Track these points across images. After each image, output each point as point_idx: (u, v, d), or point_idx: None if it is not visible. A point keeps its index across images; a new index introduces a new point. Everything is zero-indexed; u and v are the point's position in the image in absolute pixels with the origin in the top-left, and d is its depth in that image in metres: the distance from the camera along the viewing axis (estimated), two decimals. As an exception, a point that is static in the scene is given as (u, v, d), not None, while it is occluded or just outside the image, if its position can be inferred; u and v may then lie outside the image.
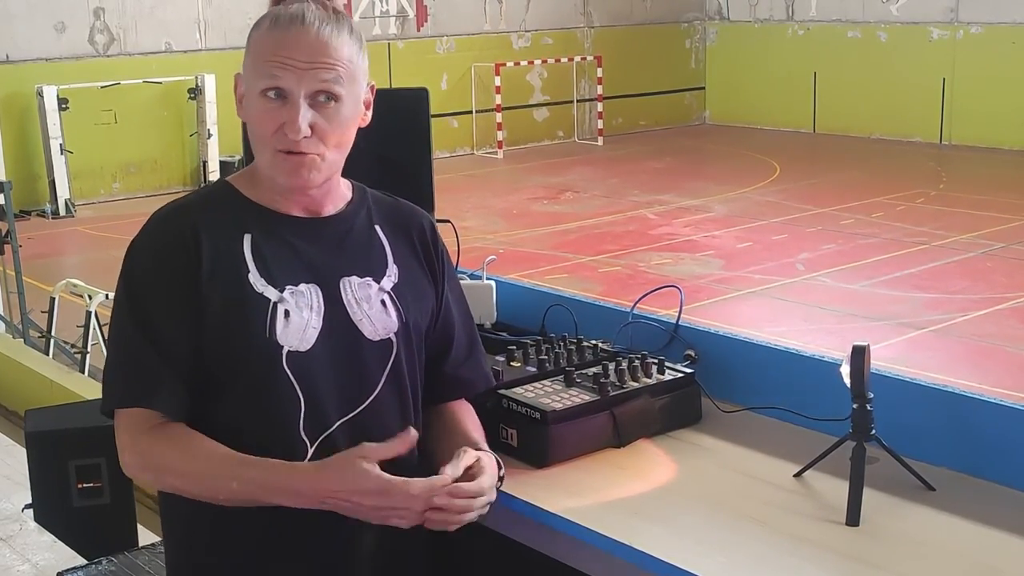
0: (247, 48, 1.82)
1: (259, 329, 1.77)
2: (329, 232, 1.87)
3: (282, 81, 1.75)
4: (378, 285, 1.87)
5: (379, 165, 2.89)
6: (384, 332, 1.85)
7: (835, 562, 1.71)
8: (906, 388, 2.07)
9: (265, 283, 1.79)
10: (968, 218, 10.40)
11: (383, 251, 1.91)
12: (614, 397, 2.14)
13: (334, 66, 1.77)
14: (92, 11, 12.79)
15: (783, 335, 6.89)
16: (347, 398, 1.82)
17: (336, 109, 1.78)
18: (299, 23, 1.77)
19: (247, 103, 1.81)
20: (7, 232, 6.92)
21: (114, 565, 2.66)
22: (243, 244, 1.81)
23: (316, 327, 1.80)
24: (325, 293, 1.82)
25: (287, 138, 1.75)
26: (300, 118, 1.74)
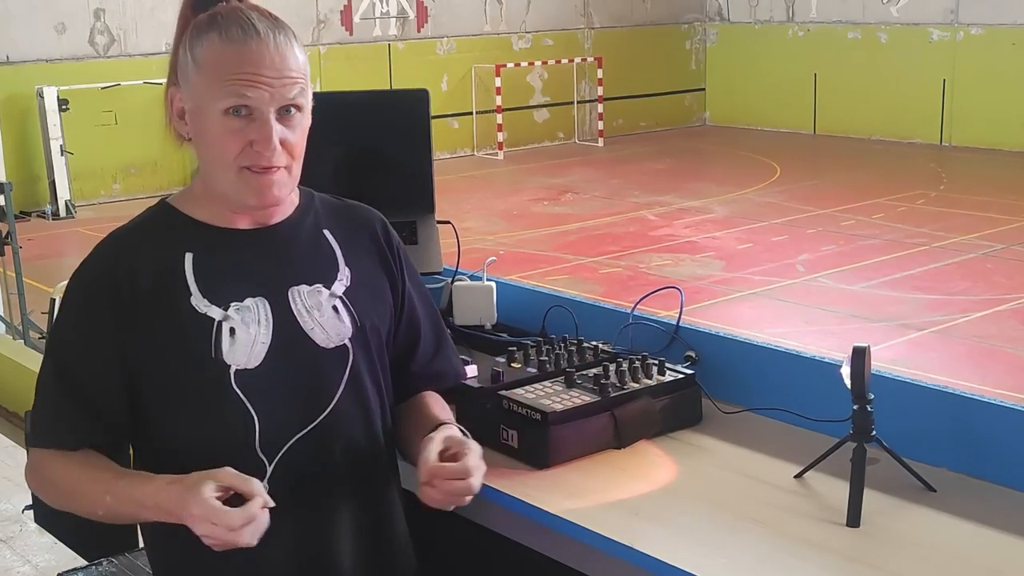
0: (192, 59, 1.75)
1: (204, 351, 1.74)
2: (275, 241, 1.84)
3: (251, 100, 1.71)
4: (328, 291, 1.83)
5: (379, 166, 2.90)
6: (338, 339, 1.82)
7: (836, 563, 1.71)
8: (907, 389, 2.07)
9: (208, 303, 1.76)
10: (968, 219, 10.40)
11: (332, 254, 1.88)
12: (615, 398, 2.13)
13: (297, 79, 1.75)
14: (92, 12, 12.80)
15: (783, 336, 6.89)
16: (304, 411, 1.80)
17: (299, 120, 1.77)
18: (254, 35, 1.72)
19: (200, 121, 1.75)
20: (7, 233, 6.92)
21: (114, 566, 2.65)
22: (184, 265, 1.78)
23: (265, 342, 1.77)
24: (273, 305, 1.79)
25: (260, 155, 1.73)
26: (273, 134, 1.72)
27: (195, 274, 1.78)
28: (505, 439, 2.10)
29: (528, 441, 2.07)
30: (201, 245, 1.80)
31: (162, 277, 1.77)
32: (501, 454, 2.10)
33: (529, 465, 2.06)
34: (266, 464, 1.77)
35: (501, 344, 2.51)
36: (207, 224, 1.82)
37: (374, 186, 2.86)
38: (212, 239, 1.81)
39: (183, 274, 1.77)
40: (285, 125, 1.74)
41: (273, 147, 1.72)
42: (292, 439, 1.78)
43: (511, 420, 2.10)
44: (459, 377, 2.09)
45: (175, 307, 1.76)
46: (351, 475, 1.85)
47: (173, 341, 1.75)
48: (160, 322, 1.75)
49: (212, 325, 1.75)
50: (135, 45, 13.05)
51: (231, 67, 1.71)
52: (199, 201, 1.83)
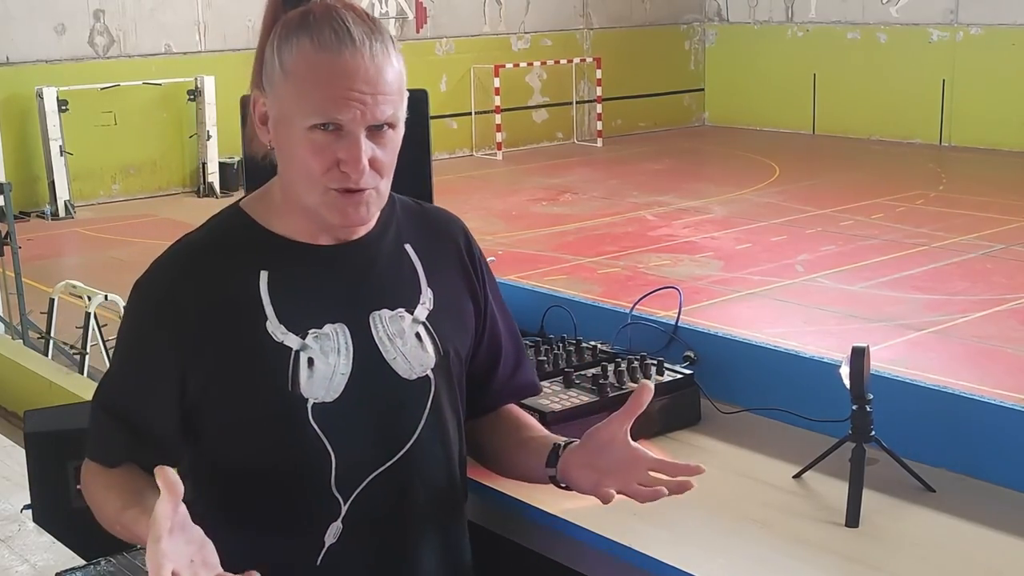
0: (279, 64, 1.60)
1: (280, 383, 1.61)
2: (356, 260, 1.69)
3: (344, 117, 1.56)
4: (411, 316, 1.70)
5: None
6: (421, 369, 1.69)
7: (835, 563, 1.71)
8: (906, 389, 2.07)
9: (285, 330, 1.62)
10: (968, 219, 10.40)
11: (415, 274, 1.73)
12: (613, 398, 2.13)
13: (391, 92, 1.60)
14: (92, 13, 12.79)
15: (782, 336, 6.89)
16: (383, 447, 1.68)
17: (391, 137, 1.62)
18: (350, 44, 1.56)
19: (283, 131, 1.61)
20: (7, 233, 6.92)
21: (113, 566, 2.65)
22: (260, 285, 1.64)
23: (345, 373, 1.63)
24: (354, 332, 1.65)
25: (346, 176, 1.58)
26: (363, 156, 1.57)
27: (271, 296, 1.64)
28: (504, 439, 2.10)
29: (527, 441, 2.07)
30: (277, 263, 1.66)
31: (235, 299, 1.64)
32: (500, 454, 2.10)
33: (528, 465, 2.05)
34: (341, 503, 1.65)
35: (500, 344, 2.50)
36: (284, 238, 1.67)
37: (373, 186, 2.86)
38: (289, 256, 1.66)
39: (258, 296, 1.63)
40: (376, 143, 1.59)
41: (362, 169, 1.57)
42: (369, 476, 1.66)
43: (510, 420, 2.10)
44: (538, 390, 1.97)
45: (249, 334, 1.62)
46: (428, 510, 1.73)
47: (246, 371, 1.63)
48: (232, 350, 1.63)
49: (289, 355, 1.62)
50: (135, 46, 13.05)
51: (322, 80, 1.56)
52: (277, 211, 1.68)
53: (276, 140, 1.63)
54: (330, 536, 1.66)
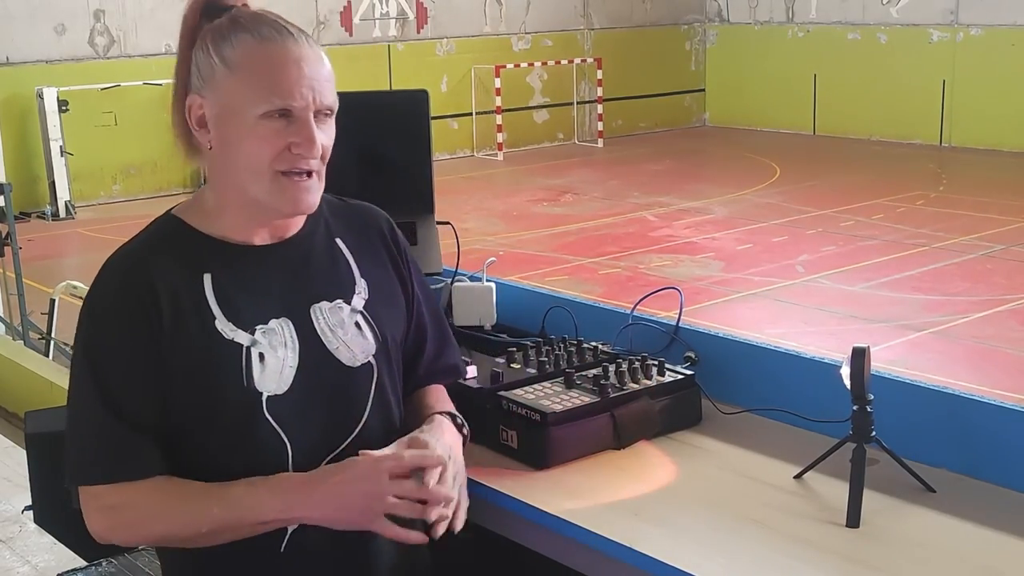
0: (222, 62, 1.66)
1: (235, 379, 1.67)
2: (292, 256, 1.76)
3: (296, 101, 1.64)
4: (349, 306, 1.78)
5: (379, 167, 2.90)
6: (363, 356, 1.77)
7: (835, 564, 1.71)
8: (906, 390, 2.07)
9: (234, 327, 1.68)
10: (968, 220, 10.40)
11: (348, 267, 1.81)
12: (614, 399, 2.13)
13: (331, 80, 1.69)
14: (92, 13, 12.80)
15: (783, 337, 6.89)
16: (335, 433, 1.75)
17: (330, 123, 1.71)
18: (289, 36, 1.66)
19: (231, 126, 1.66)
20: (7, 234, 6.92)
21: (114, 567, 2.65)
22: (204, 286, 1.69)
23: (293, 365, 1.70)
24: (297, 326, 1.72)
25: (299, 158, 1.65)
26: (315, 136, 1.65)
27: (216, 296, 1.69)
28: (504, 440, 2.10)
29: (527, 442, 2.07)
30: (218, 264, 1.71)
31: (183, 300, 1.67)
32: (500, 455, 2.10)
33: (528, 466, 2.06)
34: None
35: (501, 345, 2.51)
36: (222, 240, 1.73)
37: (374, 187, 2.85)
38: (228, 257, 1.72)
39: (204, 296, 1.68)
40: (320, 128, 1.68)
41: (316, 149, 1.66)
42: (322, 462, 1.72)
43: (510, 421, 2.10)
44: (461, 373, 2.06)
45: (201, 333, 1.67)
46: None
47: (202, 369, 1.67)
48: (187, 349, 1.66)
49: (241, 351, 1.68)
50: (135, 46, 13.06)
51: (272, 68, 1.64)
52: (211, 215, 1.74)
53: (218, 138, 1.68)
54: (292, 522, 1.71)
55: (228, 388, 1.67)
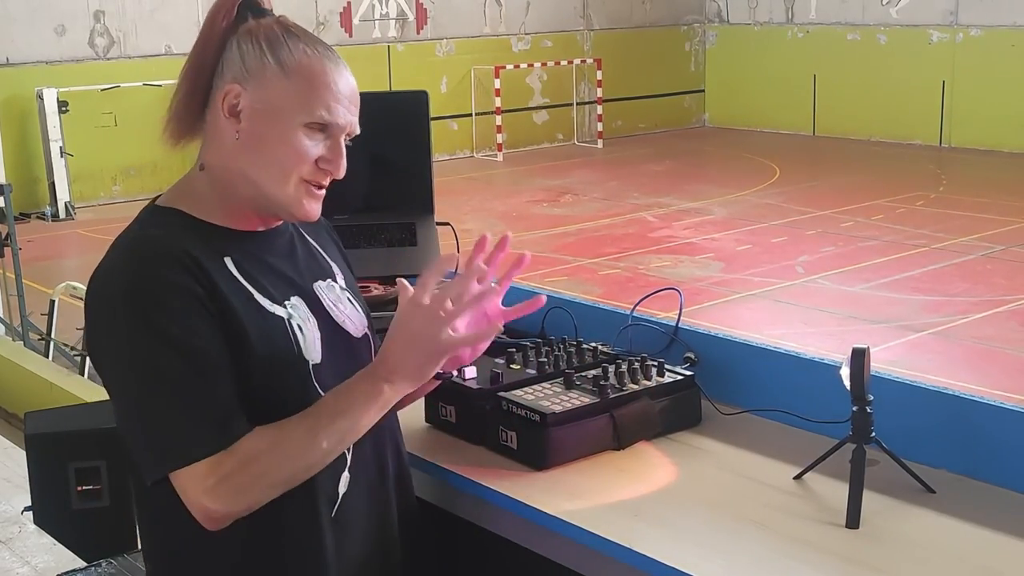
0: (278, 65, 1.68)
1: (290, 349, 1.71)
2: (283, 242, 1.83)
3: (339, 119, 1.71)
4: (338, 285, 1.87)
5: (379, 167, 2.90)
6: (362, 328, 1.87)
7: (835, 565, 1.71)
8: (906, 390, 2.07)
9: (270, 302, 1.72)
10: (968, 220, 10.41)
11: (320, 253, 1.90)
12: (614, 399, 2.13)
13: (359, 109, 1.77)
14: (92, 14, 12.80)
15: (783, 337, 6.89)
16: None
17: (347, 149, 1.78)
18: (339, 61, 1.74)
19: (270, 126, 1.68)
20: (7, 235, 6.92)
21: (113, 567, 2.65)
22: (230, 268, 1.70)
23: (318, 337, 1.76)
24: (309, 303, 1.78)
25: (324, 173, 1.72)
26: (343, 159, 1.73)
27: (243, 276, 1.71)
28: (504, 440, 2.10)
29: (527, 442, 2.07)
30: (231, 248, 1.73)
31: (218, 280, 1.66)
32: (500, 455, 2.10)
33: (528, 466, 2.06)
34: (347, 452, 1.75)
35: (500, 345, 2.50)
36: (224, 227, 1.75)
37: (374, 188, 2.86)
38: (240, 242, 1.75)
39: (235, 277, 1.70)
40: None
41: (343, 170, 1.73)
42: None
43: (510, 421, 2.10)
44: None
45: (248, 308, 1.68)
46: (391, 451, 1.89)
47: (260, 340, 1.67)
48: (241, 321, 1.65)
49: (284, 323, 1.72)
50: (135, 47, 13.06)
51: (328, 84, 1.70)
52: (208, 203, 1.75)
53: (251, 131, 1.69)
54: (343, 486, 1.77)
55: (287, 358, 1.70)
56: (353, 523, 1.80)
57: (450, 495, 2.11)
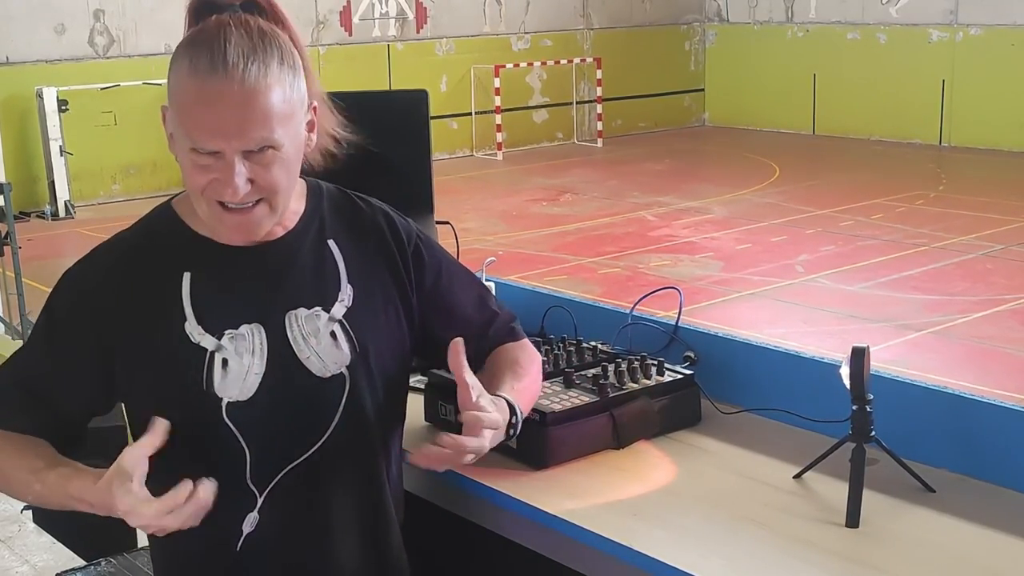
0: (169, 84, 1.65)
1: (195, 383, 1.68)
2: (275, 259, 1.75)
3: (210, 144, 1.60)
4: (328, 314, 1.75)
5: (378, 167, 2.89)
6: (335, 367, 1.74)
7: (835, 564, 1.71)
8: (906, 390, 2.07)
9: (202, 331, 1.69)
10: (968, 220, 10.40)
11: (336, 271, 1.78)
12: (613, 398, 2.13)
13: (267, 118, 1.60)
14: (92, 13, 12.79)
15: (783, 336, 6.89)
16: (298, 443, 1.74)
17: (275, 155, 1.63)
18: (220, 69, 1.58)
19: (175, 149, 1.67)
20: (7, 234, 6.91)
21: (113, 566, 2.65)
22: (182, 286, 1.71)
23: (259, 372, 1.70)
24: (269, 332, 1.71)
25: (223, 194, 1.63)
26: (236, 177, 1.60)
27: (192, 298, 1.70)
28: (504, 439, 2.10)
29: (527, 441, 2.07)
30: (199, 264, 1.73)
31: (158, 300, 1.71)
32: (500, 454, 2.10)
33: (528, 465, 2.06)
34: (257, 495, 1.73)
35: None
36: (206, 239, 1.74)
37: (373, 187, 2.85)
38: (211, 257, 1.73)
39: (179, 298, 1.70)
40: (257, 163, 1.62)
41: (236, 189, 1.61)
42: (283, 471, 1.73)
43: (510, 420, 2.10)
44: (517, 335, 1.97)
45: (168, 335, 1.69)
46: (345, 503, 1.80)
47: (163, 370, 1.70)
48: (152, 348, 1.70)
49: (204, 356, 1.69)
50: (135, 46, 13.05)
51: (190, 107, 1.60)
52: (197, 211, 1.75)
53: (175, 154, 1.69)
54: (247, 525, 1.74)
55: (186, 391, 1.69)
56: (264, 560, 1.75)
57: (450, 494, 2.11)
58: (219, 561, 1.76)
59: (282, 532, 1.75)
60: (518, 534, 1.99)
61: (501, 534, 2.03)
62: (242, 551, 1.75)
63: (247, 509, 1.72)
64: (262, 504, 1.73)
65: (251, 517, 1.73)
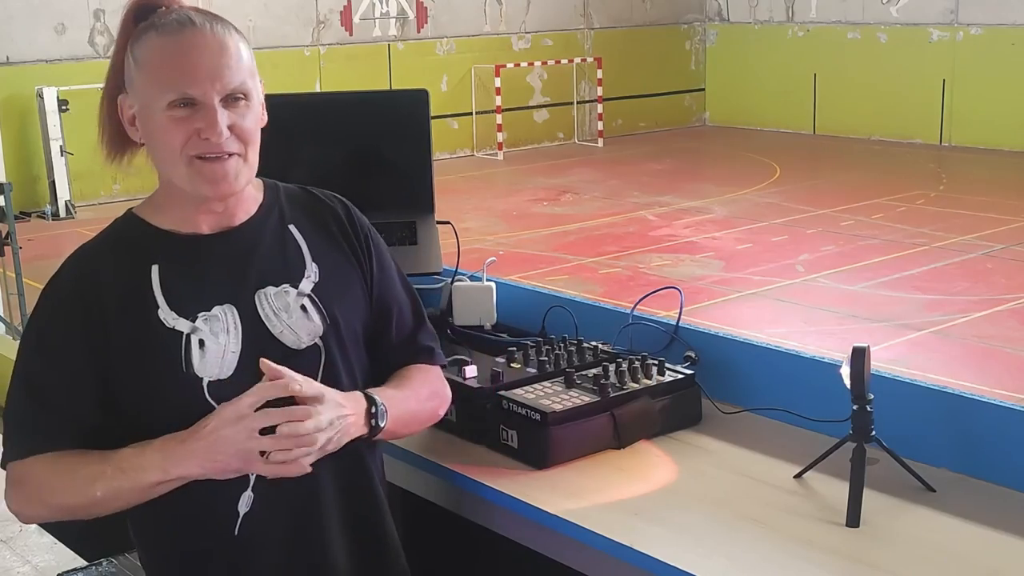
0: (134, 62, 1.74)
1: (175, 365, 1.73)
2: (240, 243, 1.82)
3: (192, 88, 1.69)
4: (296, 290, 1.81)
5: (379, 166, 2.90)
6: (309, 339, 1.80)
7: (835, 563, 1.71)
8: (906, 389, 2.07)
9: (176, 316, 1.75)
10: (968, 219, 10.40)
11: (299, 251, 1.85)
12: (614, 398, 2.14)
13: (240, 65, 1.73)
14: (92, 13, 12.79)
15: (783, 336, 6.89)
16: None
17: (248, 106, 1.75)
18: (190, 26, 1.71)
19: (146, 120, 1.74)
20: (7, 234, 6.92)
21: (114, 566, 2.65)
22: (151, 277, 1.77)
23: (235, 351, 1.76)
24: (241, 311, 1.78)
25: (207, 142, 1.71)
26: (219, 119, 1.70)
27: (162, 287, 1.77)
28: (505, 439, 2.10)
29: (528, 441, 2.07)
30: (166, 256, 1.79)
31: (129, 293, 1.76)
32: (501, 454, 2.10)
33: (529, 465, 2.06)
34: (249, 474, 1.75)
35: (501, 344, 2.51)
36: (171, 232, 1.81)
37: (374, 186, 2.86)
38: (177, 248, 1.80)
39: (150, 288, 1.76)
40: (232, 111, 1.72)
41: (219, 131, 1.70)
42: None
43: (511, 420, 2.10)
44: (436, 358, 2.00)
45: (144, 323, 1.75)
46: (332, 474, 1.82)
47: (145, 357, 1.74)
48: (131, 339, 1.75)
49: (181, 339, 1.74)
50: (135, 45, 13.05)
51: (170, 59, 1.70)
52: (162, 208, 1.82)
53: (143, 133, 1.77)
54: (243, 505, 1.77)
55: (168, 374, 1.73)
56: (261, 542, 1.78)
57: (450, 494, 2.11)
58: (221, 551, 1.77)
59: (276, 507, 1.77)
60: (519, 534, 2.00)
61: (502, 534, 2.03)
62: (240, 536, 1.76)
63: (241, 488, 1.75)
64: (255, 482, 1.76)
65: (246, 496, 1.76)
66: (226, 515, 1.76)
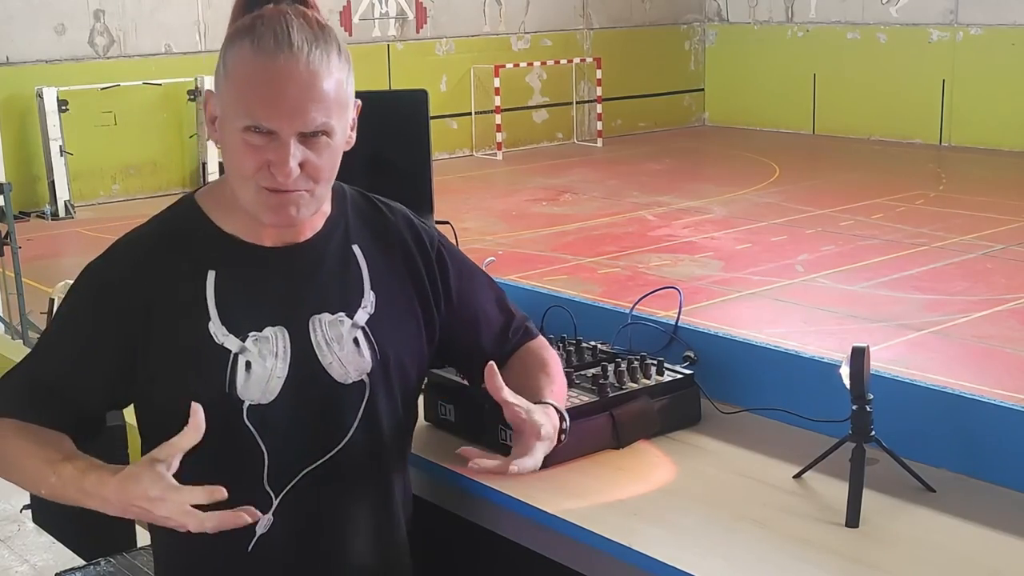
0: (223, 65, 1.65)
1: (218, 384, 1.67)
2: (301, 262, 1.75)
3: (271, 122, 1.59)
4: (351, 321, 1.75)
5: (378, 167, 2.90)
6: (356, 374, 1.75)
7: (835, 563, 1.71)
8: (906, 389, 2.07)
9: (226, 332, 1.68)
10: (968, 219, 10.40)
11: (359, 276, 1.78)
12: (613, 398, 2.13)
13: (327, 103, 1.62)
14: (92, 13, 12.79)
15: (782, 336, 6.89)
16: (315, 446, 1.74)
17: (327, 143, 1.64)
18: (286, 49, 1.59)
19: (224, 129, 1.66)
20: (7, 234, 6.91)
21: (112, 566, 2.65)
22: (206, 284, 1.70)
23: (281, 376, 1.70)
24: (293, 335, 1.71)
25: (274, 178, 1.61)
26: (291, 159, 1.60)
27: (216, 297, 1.69)
28: (504, 439, 2.10)
29: (527, 441, 2.07)
30: (225, 263, 1.71)
31: (182, 298, 1.69)
32: (500, 454, 2.09)
33: (528, 465, 2.05)
34: (272, 497, 1.73)
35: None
36: (233, 237, 1.73)
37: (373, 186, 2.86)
38: (237, 256, 1.72)
39: (204, 297, 1.69)
40: (309, 148, 1.62)
41: (289, 171, 1.60)
42: (300, 474, 1.73)
43: (510, 420, 2.10)
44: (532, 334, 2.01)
45: (192, 334, 1.68)
46: (358, 508, 1.81)
47: (186, 370, 1.68)
48: (175, 347, 1.68)
49: (228, 358, 1.68)
50: (135, 46, 13.05)
51: (254, 83, 1.60)
52: (227, 207, 1.74)
53: (220, 137, 1.68)
54: (261, 527, 1.74)
55: (209, 392, 1.66)
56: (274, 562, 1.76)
57: (450, 494, 2.11)
58: (229, 562, 1.76)
59: (294, 534, 1.76)
60: (518, 534, 1.99)
61: (501, 534, 2.03)
62: (253, 552, 1.75)
63: (262, 511, 1.70)
64: (277, 506, 1.73)
65: (265, 519, 1.73)
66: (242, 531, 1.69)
